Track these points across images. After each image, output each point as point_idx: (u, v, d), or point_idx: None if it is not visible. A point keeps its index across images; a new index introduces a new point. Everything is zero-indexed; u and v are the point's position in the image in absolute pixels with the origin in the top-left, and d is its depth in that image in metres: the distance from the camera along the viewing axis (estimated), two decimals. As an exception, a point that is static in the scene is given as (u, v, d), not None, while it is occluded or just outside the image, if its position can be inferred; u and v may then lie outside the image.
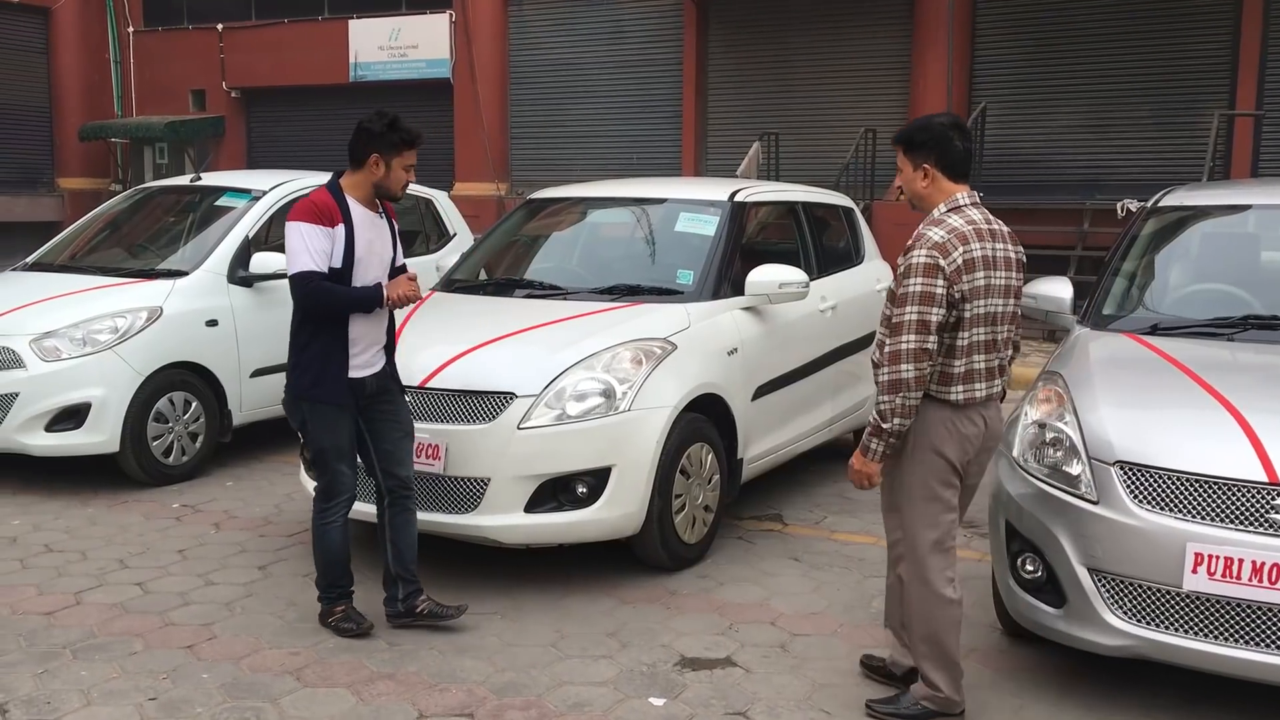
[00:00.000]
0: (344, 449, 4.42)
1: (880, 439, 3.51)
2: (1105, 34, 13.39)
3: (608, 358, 4.97)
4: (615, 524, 4.88)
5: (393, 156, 4.27)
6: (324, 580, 4.55)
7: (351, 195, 4.30)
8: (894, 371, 3.43)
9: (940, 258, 3.42)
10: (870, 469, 3.58)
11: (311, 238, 4.17)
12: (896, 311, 3.45)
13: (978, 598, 4.90)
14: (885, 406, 3.46)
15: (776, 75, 15.17)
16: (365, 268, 4.33)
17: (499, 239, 6.54)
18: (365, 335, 4.38)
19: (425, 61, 17.40)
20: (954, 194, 3.58)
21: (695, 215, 5.95)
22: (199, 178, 7.81)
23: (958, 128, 3.62)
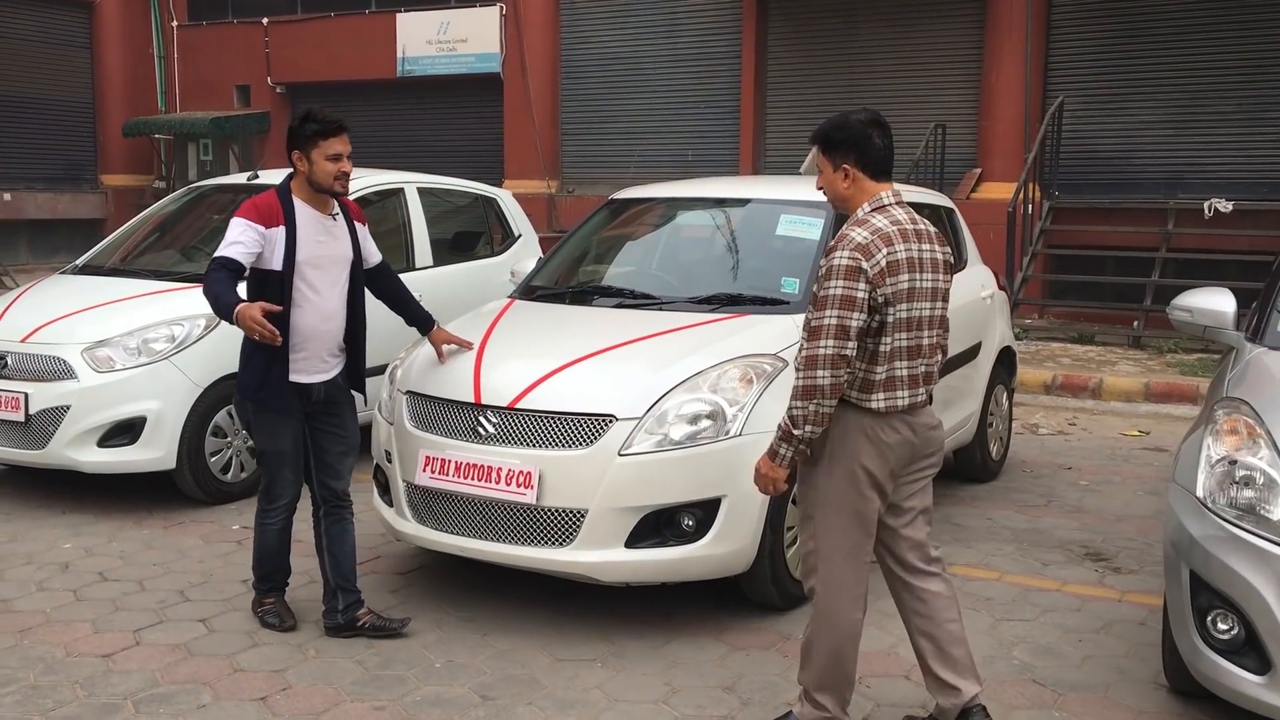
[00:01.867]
0: (286, 454, 4.39)
1: (789, 445, 3.33)
2: (1190, 22, 12.77)
3: (714, 376, 4.51)
4: (725, 561, 4.42)
5: (311, 149, 4.21)
6: (258, 572, 4.61)
7: (298, 197, 4.29)
8: (809, 377, 3.25)
9: (863, 260, 3.25)
10: (776, 474, 3.40)
11: (241, 232, 4.19)
12: (815, 315, 3.28)
13: (1131, 646, 4.41)
14: (797, 412, 3.28)
15: (840, 69, 14.64)
16: (314, 270, 4.28)
17: (580, 242, 6.09)
18: (309, 341, 4.32)
19: (474, 56, 17.00)
20: (877, 193, 3.40)
21: (798, 218, 5.46)
22: (256, 175, 7.40)
23: (877, 124, 3.44)
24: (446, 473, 4.51)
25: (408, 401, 4.82)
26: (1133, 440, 8.21)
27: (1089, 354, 10.99)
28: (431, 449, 4.58)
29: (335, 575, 4.48)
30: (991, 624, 4.64)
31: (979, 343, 6.46)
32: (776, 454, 3.38)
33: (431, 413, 4.69)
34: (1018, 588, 5.05)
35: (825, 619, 3.47)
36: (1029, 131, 13.12)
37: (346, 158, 4.31)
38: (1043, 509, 6.33)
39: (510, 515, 4.41)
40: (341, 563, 4.50)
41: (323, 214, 4.34)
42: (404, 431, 4.75)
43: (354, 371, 4.61)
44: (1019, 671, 4.19)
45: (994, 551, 5.55)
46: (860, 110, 3.55)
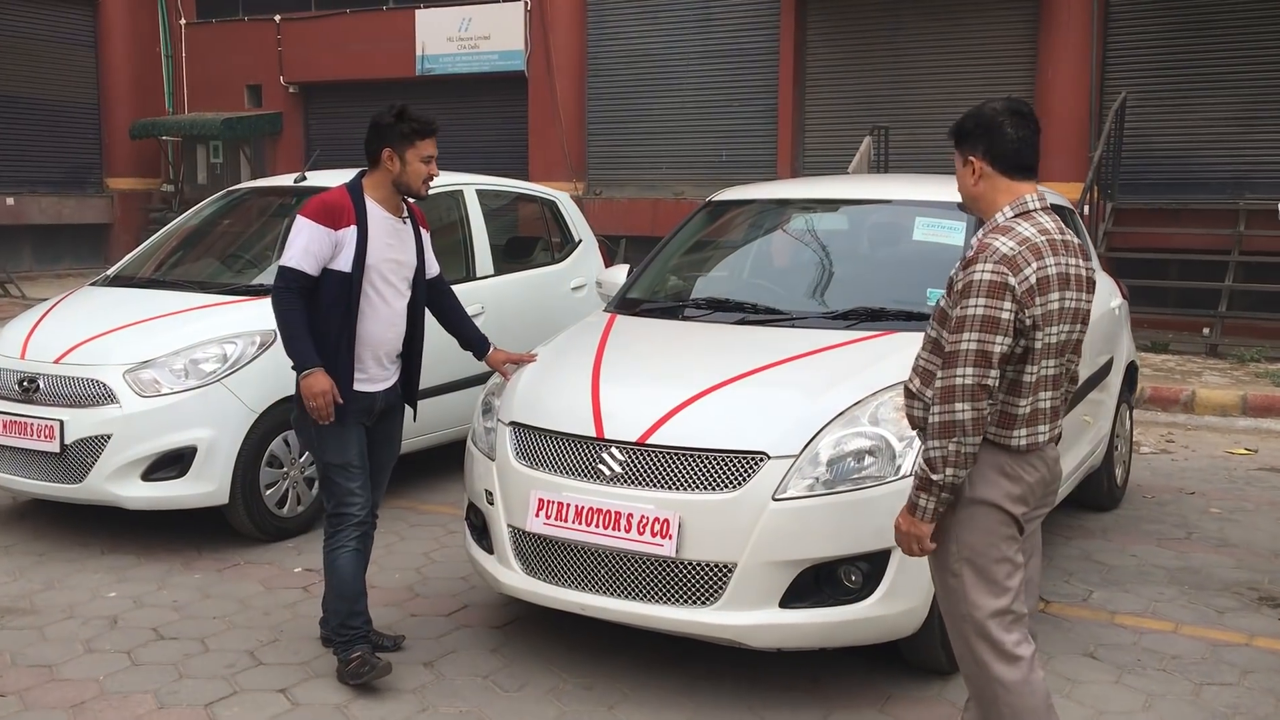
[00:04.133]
0: (355, 466, 4.05)
1: (930, 494, 2.88)
2: (1254, 15, 12.18)
3: (874, 407, 3.89)
4: (895, 622, 3.80)
5: (406, 148, 3.97)
6: (335, 619, 4.03)
7: (371, 196, 4.01)
8: (946, 411, 2.81)
9: (1010, 275, 2.81)
10: (921, 530, 2.92)
11: (312, 238, 3.90)
12: (951, 338, 2.84)
13: (1369, 719, 3.79)
14: (936, 454, 2.84)
15: (884, 64, 14.03)
16: (379, 276, 4.00)
17: (679, 249, 5.46)
18: (373, 349, 4.05)
19: (498, 54, 16.37)
20: (1020, 195, 2.97)
21: (936, 221, 4.85)
22: (304, 177, 6.77)
23: (1014, 113, 3.00)
24: (565, 518, 3.90)
25: (512, 434, 4.20)
26: (1243, 459, 7.62)
27: (1168, 363, 10.39)
28: (545, 490, 3.96)
29: None
30: (1193, 690, 4.03)
31: (1110, 359, 5.86)
32: (916, 506, 2.92)
33: (543, 448, 4.08)
34: (1203, 643, 4.44)
35: (1012, 691, 2.93)
36: (1094, 130, 12.52)
37: (434, 160, 4.04)
38: (1186, 542, 5.72)
39: (643, 569, 3.80)
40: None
41: (394, 216, 4.09)
42: (509, 469, 4.13)
43: (409, 383, 4.28)
44: (1250, 754, 3.59)
45: (1156, 596, 4.94)
46: (1001, 98, 3.11)
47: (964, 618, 2.98)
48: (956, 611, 3.00)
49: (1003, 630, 2.94)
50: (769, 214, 5.52)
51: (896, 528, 2.97)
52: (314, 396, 3.86)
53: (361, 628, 4.02)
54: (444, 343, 6.11)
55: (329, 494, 4.07)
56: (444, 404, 6.17)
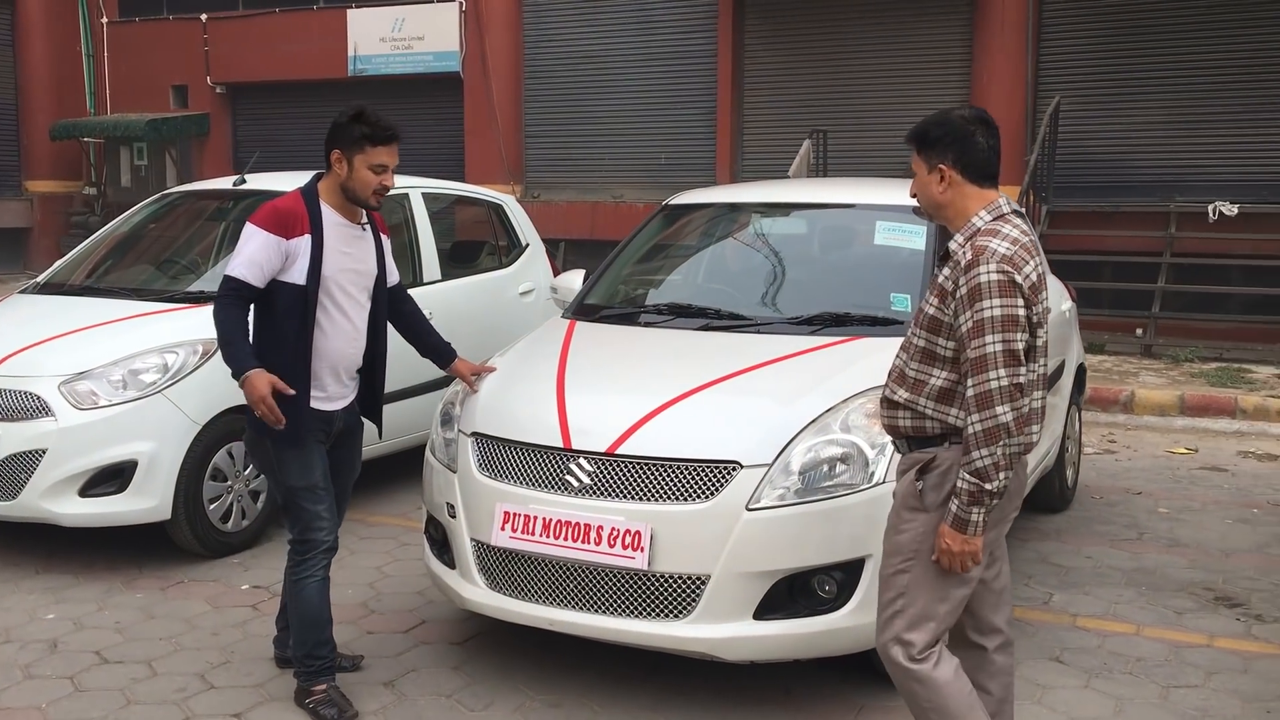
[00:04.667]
0: (320, 489, 3.81)
1: (982, 505, 2.82)
2: (1184, 21, 12.40)
3: (845, 414, 3.84)
4: (869, 632, 3.62)
5: (355, 153, 3.68)
6: (301, 649, 3.83)
7: (326, 202, 3.76)
8: (987, 417, 2.79)
9: (1014, 273, 2.83)
10: (973, 547, 2.86)
11: (260, 247, 3.65)
12: (974, 344, 2.81)
13: (1337, 720, 3.82)
14: (985, 462, 2.78)
15: (822, 68, 14.07)
16: (337, 288, 3.76)
17: (636, 254, 5.37)
18: (332, 365, 3.82)
19: (432, 54, 16.15)
20: (991, 200, 2.98)
21: (897, 225, 4.83)
22: (243, 180, 6.57)
23: (982, 122, 3.03)
24: (531, 531, 3.79)
25: (474, 445, 4.08)
26: (1184, 458, 7.72)
27: (1105, 364, 10.53)
28: (511, 503, 3.86)
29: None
30: (1160, 693, 4.03)
31: (1062, 361, 5.89)
32: (968, 523, 2.84)
33: (507, 459, 3.97)
34: (1165, 644, 4.46)
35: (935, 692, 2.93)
36: (1029, 134, 12.68)
37: (391, 171, 3.77)
38: (1138, 543, 5.77)
39: (613, 582, 3.71)
40: None
41: (351, 223, 3.83)
42: (472, 481, 4.02)
43: (371, 400, 4.07)
44: (1225, 757, 3.59)
45: (1115, 598, 4.96)
46: (964, 106, 3.15)
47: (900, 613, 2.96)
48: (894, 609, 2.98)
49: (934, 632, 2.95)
50: (727, 218, 5.46)
51: (945, 550, 2.87)
52: (257, 400, 3.59)
53: (329, 657, 3.86)
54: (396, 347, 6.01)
55: (294, 519, 3.82)
56: (397, 411, 6.00)
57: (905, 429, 3.02)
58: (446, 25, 16.01)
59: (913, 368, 3.00)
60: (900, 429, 3.04)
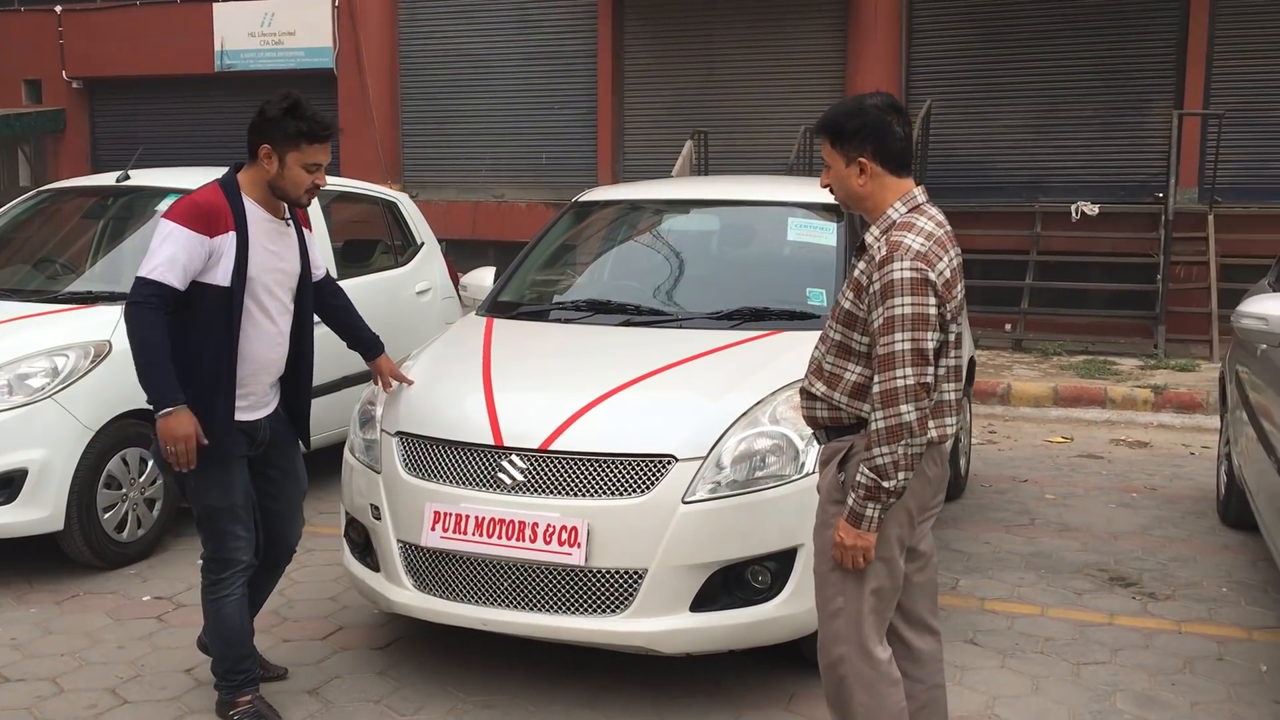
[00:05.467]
0: (238, 507, 3.61)
1: (878, 501, 2.81)
2: (1046, 29, 12.93)
3: (773, 406, 3.89)
4: (801, 620, 3.79)
5: (288, 150, 3.47)
6: (222, 665, 3.68)
7: (249, 196, 3.52)
8: (891, 414, 2.77)
9: (928, 270, 2.80)
10: (867, 541, 2.85)
11: (181, 246, 3.37)
12: (883, 340, 2.79)
13: (1228, 688, 4.06)
14: (885, 459, 2.77)
15: (701, 70, 14.21)
16: (263, 289, 3.54)
17: (547, 250, 5.34)
18: (257, 372, 3.60)
19: (304, 50, 15.77)
20: (906, 190, 2.95)
21: (808, 222, 4.91)
22: (127, 176, 6.30)
23: (895, 109, 2.98)
24: (464, 530, 3.74)
25: (400, 445, 4.01)
26: (1062, 447, 8.05)
27: (980, 358, 10.87)
28: (441, 502, 3.80)
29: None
30: (1072, 670, 4.20)
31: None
32: (862, 517, 2.83)
33: (435, 458, 3.90)
34: (1070, 624, 4.64)
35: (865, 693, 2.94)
36: (901, 135, 13.01)
37: (323, 169, 3.60)
38: (1031, 528, 5.99)
39: (548, 579, 3.69)
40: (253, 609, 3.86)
41: (276, 218, 3.60)
42: (399, 482, 3.94)
43: (298, 410, 3.86)
44: (1140, 728, 3.76)
45: (1017, 581, 5.14)
46: (875, 94, 3.07)
47: (838, 613, 2.95)
48: (831, 607, 2.97)
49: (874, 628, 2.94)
50: (639, 215, 5.48)
51: (838, 543, 2.87)
52: (174, 440, 3.33)
53: (251, 669, 3.72)
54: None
55: (209, 538, 3.61)
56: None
57: (823, 420, 3.02)
58: (319, 21, 15.65)
59: (829, 361, 2.98)
60: (818, 420, 3.04)
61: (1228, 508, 5.92)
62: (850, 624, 2.93)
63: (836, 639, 2.96)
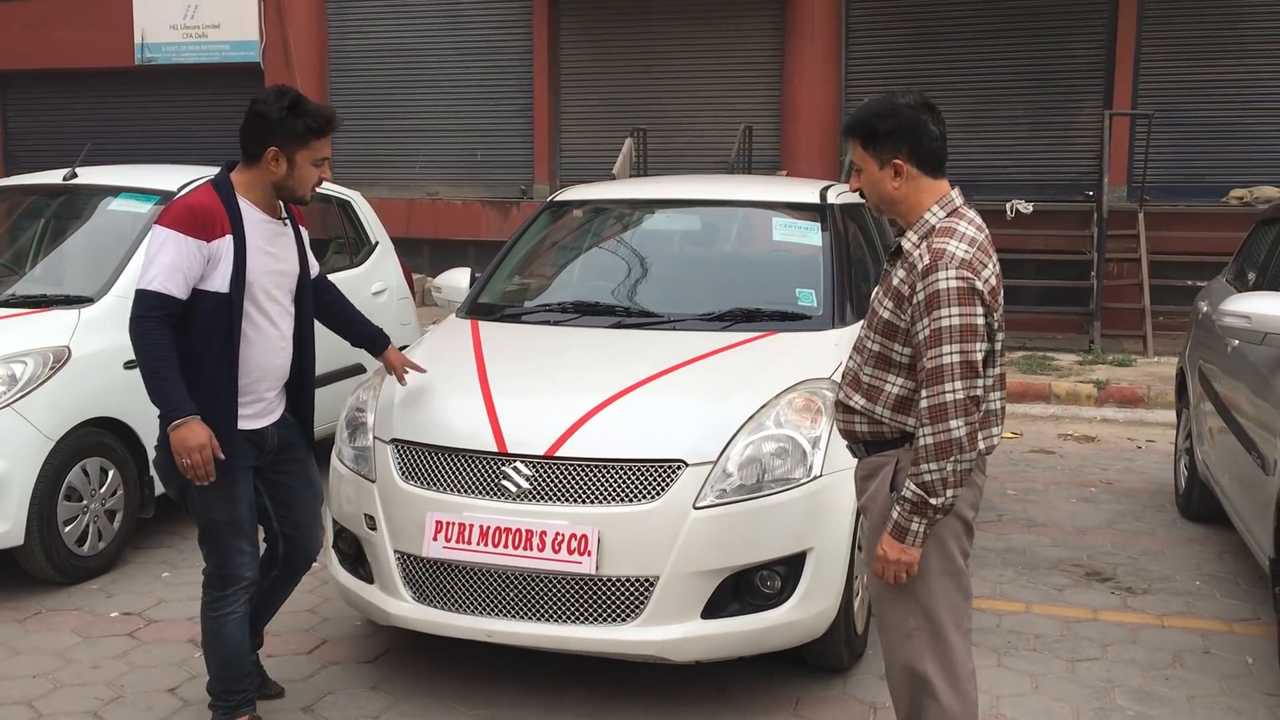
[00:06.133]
0: (244, 521, 3.48)
1: (924, 517, 2.72)
2: (979, 30, 13.14)
3: (778, 409, 3.86)
4: (810, 625, 3.77)
5: (297, 150, 3.36)
6: (220, 685, 3.52)
7: (245, 197, 3.39)
8: (940, 430, 2.68)
9: (974, 279, 2.69)
10: (911, 557, 2.77)
11: (180, 253, 3.24)
12: (930, 353, 2.69)
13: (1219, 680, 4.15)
14: (934, 476, 2.69)
15: (639, 67, 14.16)
16: (263, 293, 3.42)
17: (525, 251, 5.23)
18: (261, 379, 3.48)
19: (229, 44, 15.37)
20: (943, 193, 2.85)
21: (792, 222, 4.89)
22: (74, 174, 6.05)
23: (928, 108, 2.88)
24: (468, 540, 3.64)
25: (395, 452, 3.89)
26: (1012, 442, 8.15)
27: (924, 355, 11.02)
28: (443, 512, 3.70)
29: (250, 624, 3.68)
30: (1068, 667, 4.24)
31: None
32: (907, 532, 2.75)
33: (435, 466, 3.80)
34: (1056, 620, 4.69)
35: (953, 716, 2.87)
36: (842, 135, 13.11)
37: (329, 162, 3.50)
38: (1000, 524, 6.05)
39: (557, 588, 3.61)
40: (264, 616, 3.85)
41: (273, 218, 3.47)
42: (395, 490, 3.83)
43: (303, 415, 3.72)
44: (1143, 724, 3.80)
45: (997, 579, 5.18)
46: (906, 92, 2.96)
47: (916, 632, 2.87)
48: (905, 627, 2.89)
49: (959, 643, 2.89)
50: (619, 215, 5.40)
51: (882, 558, 2.79)
52: (189, 452, 3.22)
53: (249, 689, 3.57)
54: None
55: (213, 553, 3.47)
56: None
57: (862, 434, 2.94)
58: (244, 13, 15.27)
59: (867, 373, 2.89)
60: (857, 434, 2.96)
61: (1188, 502, 6.03)
62: (929, 642, 2.86)
63: (914, 660, 2.88)
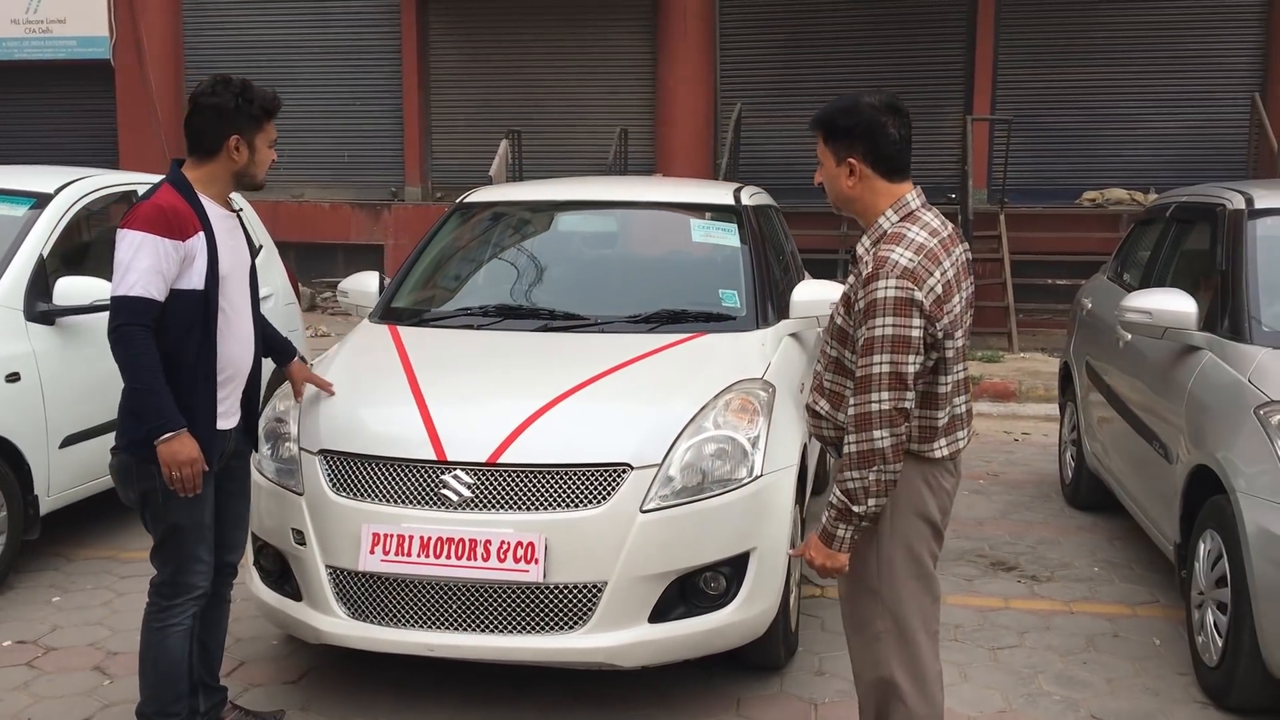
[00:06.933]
0: (206, 528, 3.38)
1: (849, 524, 2.75)
2: (847, 36, 13.47)
3: (716, 410, 3.86)
4: (753, 625, 3.78)
5: (255, 134, 3.38)
6: (153, 705, 3.38)
7: (205, 194, 3.35)
8: (864, 439, 2.69)
9: (915, 289, 2.67)
10: (839, 561, 2.81)
11: (158, 255, 3.17)
12: (861, 361, 2.71)
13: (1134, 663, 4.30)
14: (855, 484, 2.71)
15: (511, 68, 14.04)
16: (232, 286, 3.39)
17: (437, 254, 5.10)
18: (234, 376, 3.42)
19: (76, 39, 14.63)
20: (899, 195, 2.84)
21: (709, 223, 4.91)
22: (-64, 174, 5.67)
23: (893, 110, 2.85)
24: (407, 552, 3.54)
25: (324, 463, 3.75)
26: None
27: (803, 355, 11.23)
28: (379, 523, 3.58)
29: (203, 669, 3.56)
30: (991, 655, 4.36)
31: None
32: (834, 537, 2.77)
33: (368, 477, 3.67)
34: (971, 610, 4.81)
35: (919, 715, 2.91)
36: (716, 137, 13.27)
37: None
38: (902, 519, 6.18)
39: (502, 598, 3.53)
40: (214, 654, 3.62)
41: (229, 212, 3.46)
42: (326, 503, 3.69)
43: (252, 417, 3.61)
44: (1071, 709, 3.93)
45: (910, 571, 5.29)
46: (874, 92, 2.93)
47: (883, 635, 2.90)
48: (871, 630, 2.91)
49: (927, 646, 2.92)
50: (534, 216, 5.32)
51: (809, 561, 2.83)
52: (179, 466, 3.15)
53: (182, 713, 3.40)
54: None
55: (169, 560, 3.34)
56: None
57: (830, 438, 2.96)
58: (92, 8, 14.56)
59: (828, 379, 2.91)
60: (825, 438, 2.98)
61: (1076, 491, 6.27)
62: (896, 645, 2.88)
63: (881, 662, 2.90)
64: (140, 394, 3.18)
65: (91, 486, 5.37)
